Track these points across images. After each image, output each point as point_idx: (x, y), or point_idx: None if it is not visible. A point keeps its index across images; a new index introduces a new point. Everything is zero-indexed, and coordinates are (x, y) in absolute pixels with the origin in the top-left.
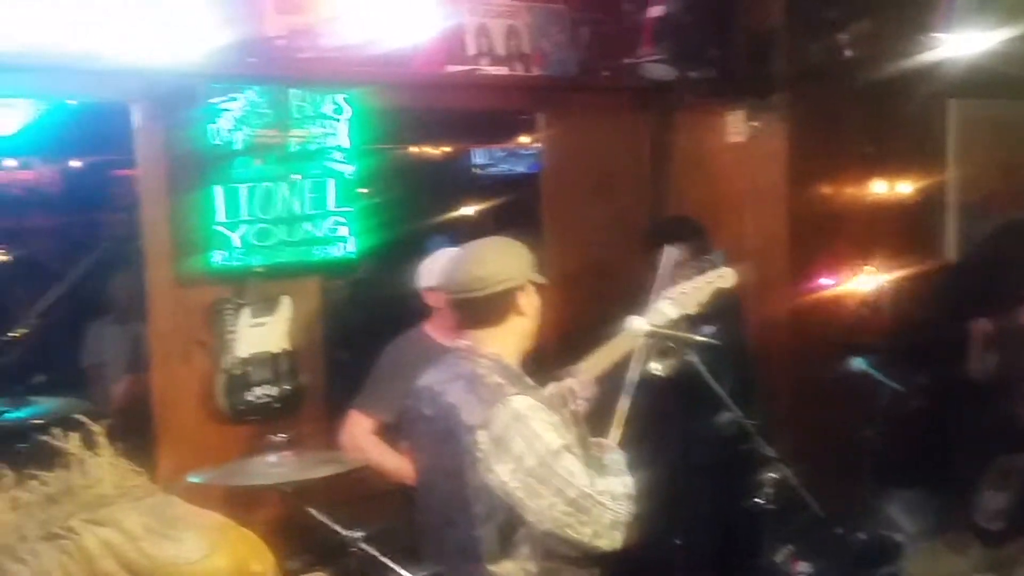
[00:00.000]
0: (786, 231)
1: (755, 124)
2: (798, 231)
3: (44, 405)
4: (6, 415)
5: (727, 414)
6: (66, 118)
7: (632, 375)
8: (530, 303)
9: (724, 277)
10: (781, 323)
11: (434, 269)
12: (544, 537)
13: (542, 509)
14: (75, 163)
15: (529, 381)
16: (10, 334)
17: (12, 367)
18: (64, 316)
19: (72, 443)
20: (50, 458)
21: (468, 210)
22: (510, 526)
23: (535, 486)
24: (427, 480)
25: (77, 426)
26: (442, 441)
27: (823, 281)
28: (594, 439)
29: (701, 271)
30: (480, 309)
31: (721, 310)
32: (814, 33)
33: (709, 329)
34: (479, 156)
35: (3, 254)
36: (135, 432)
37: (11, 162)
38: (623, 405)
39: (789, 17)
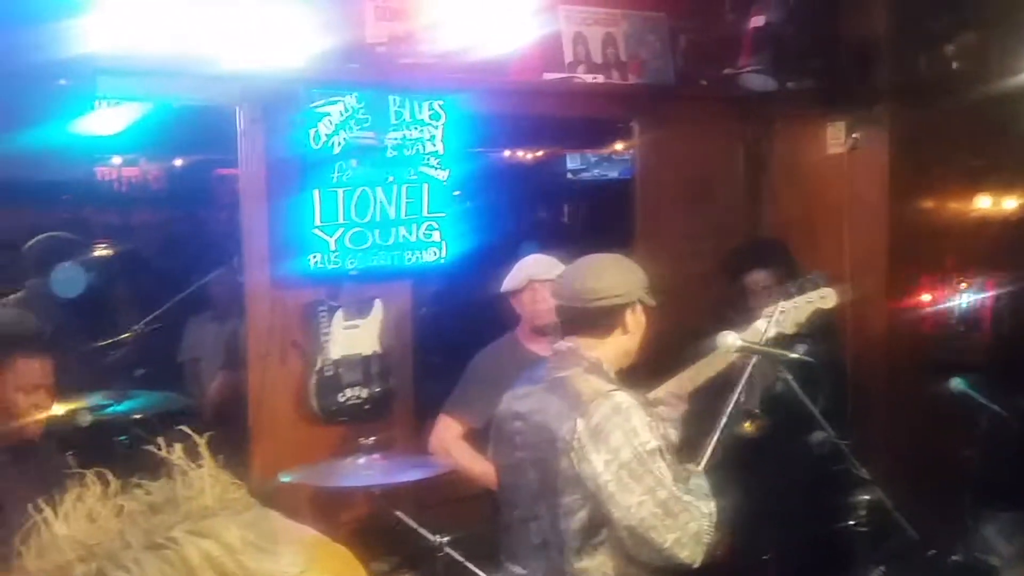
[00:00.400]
0: (886, 245)
1: (856, 136)
2: (898, 246)
3: (143, 399)
4: (109, 409)
5: (820, 433)
6: (171, 118)
7: (728, 405)
8: (636, 322)
9: (825, 298)
10: (878, 340)
11: (520, 274)
12: (626, 538)
13: (631, 505)
14: (179, 162)
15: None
16: (114, 329)
17: (115, 361)
18: (165, 312)
19: (176, 453)
20: (147, 452)
21: (561, 215)
22: (595, 523)
23: (627, 480)
24: (515, 475)
25: (174, 422)
26: (537, 433)
27: (923, 297)
28: (681, 465)
29: (802, 290)
30: (587, 319)
31: (817, 327)
32: (920, 44)
33: (804, 346)
34: (572, 161)
35: (107, 248)
36: (229, 429)
37: (117, 159)
38: (713, 434)
39: (894, 28)
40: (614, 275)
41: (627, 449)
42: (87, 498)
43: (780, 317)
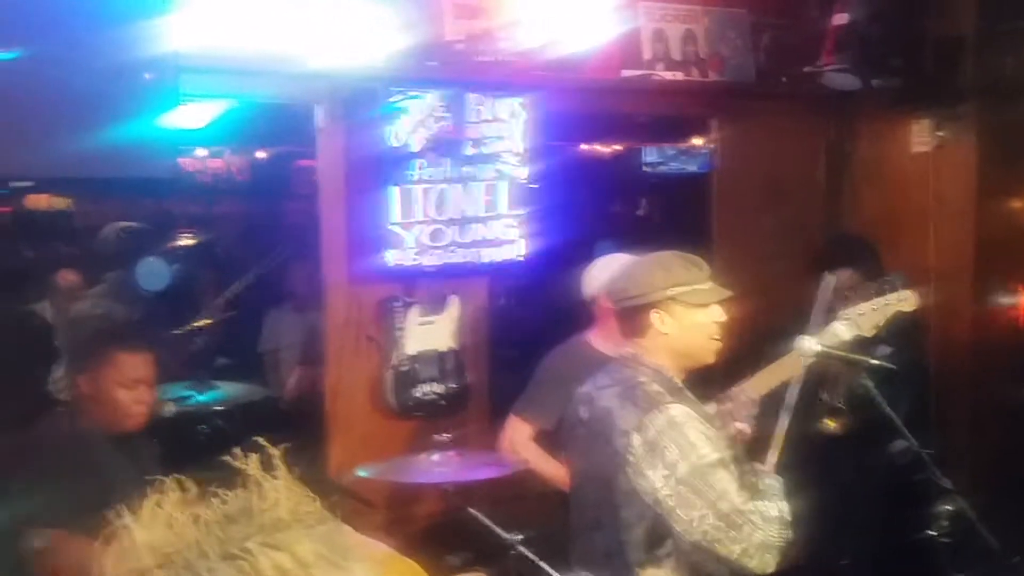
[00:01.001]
0: (972, 247)
1: (942, 134)
2: (985, 247)
3: (224, 390)
4: (192, 400)
5: (901, 442)
6: (253, 114)
7: (791, 396)
8: (675, 322)
9: (905, 300)
10: (962, 346)
11: (595, 277)
12: (692, 551)
13: (692, 519)
14: (261, 156)
15: (690, 395)
16: (197, 319)
17: (197, 351)
18: (246, 302)
19: (252, 464)
20: (226, 443)
21: (638, 212)
22: (657, 535)
23: (687, 495)
24: (579, 482)
25: (254, 413)
26: (596, 444)
27: (1010, 301)
28: (750, 464)
29: (880, 292)
30: (622, 320)
31: (899, 331)
32: (1007, 41)
33: (885, 351)
34: (649, 154)
35: (190, 238)
36: (306, 422)
37: (202, 152)
38: (781, 428)
39: (980, 25)
40: (639, 275)
41: (684, 464)
42: (166, 504)
43: (858, 320)
